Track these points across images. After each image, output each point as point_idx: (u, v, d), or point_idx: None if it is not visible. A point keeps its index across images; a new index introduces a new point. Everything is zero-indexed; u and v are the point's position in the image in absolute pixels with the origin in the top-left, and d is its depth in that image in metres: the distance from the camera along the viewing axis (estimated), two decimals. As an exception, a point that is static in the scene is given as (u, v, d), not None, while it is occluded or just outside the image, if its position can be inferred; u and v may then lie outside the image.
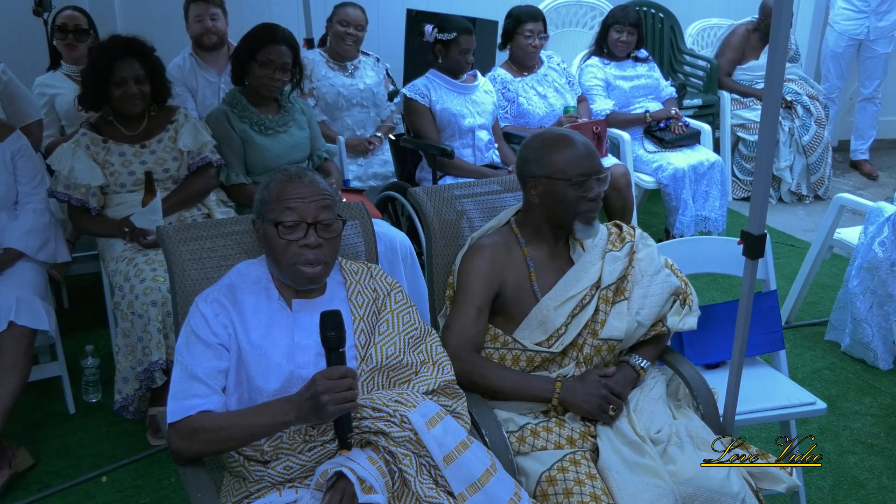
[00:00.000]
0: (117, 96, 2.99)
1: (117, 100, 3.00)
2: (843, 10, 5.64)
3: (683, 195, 4.43)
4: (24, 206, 3.05)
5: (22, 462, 2.80)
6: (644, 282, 2.15)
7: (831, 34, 5.75)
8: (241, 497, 1.80)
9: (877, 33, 5.60)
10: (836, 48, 5.74)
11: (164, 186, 3.12)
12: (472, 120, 3.82)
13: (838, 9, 5.68)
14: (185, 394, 1.79)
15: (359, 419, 1.76)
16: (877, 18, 5.55)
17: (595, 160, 2.13)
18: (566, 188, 2.11)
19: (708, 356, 2.62)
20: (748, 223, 1.98)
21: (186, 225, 2.17)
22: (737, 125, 5.37)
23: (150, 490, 2.75)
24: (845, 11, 5.64)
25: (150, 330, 2.76)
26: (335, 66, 4.25)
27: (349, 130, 4.25)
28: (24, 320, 2.79)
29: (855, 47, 5.71)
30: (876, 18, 5.55)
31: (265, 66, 3.21)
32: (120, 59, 2.96)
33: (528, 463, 1.95)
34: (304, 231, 1.86)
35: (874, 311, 3.42)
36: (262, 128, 3.30)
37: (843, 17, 5.66)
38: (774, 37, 1.80)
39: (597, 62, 4.65)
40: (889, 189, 5.53)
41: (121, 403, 2.84)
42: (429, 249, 2.34)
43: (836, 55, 5.76)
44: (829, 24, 5.79)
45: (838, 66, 5.79)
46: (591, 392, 2.03)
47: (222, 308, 1.86)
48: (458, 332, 2.09)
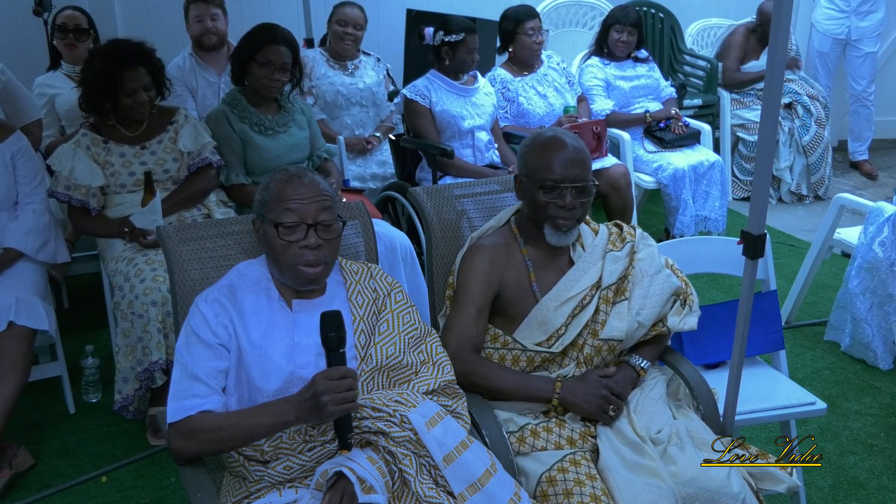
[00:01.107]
0: (128, 105, 3.00)
1: (127, 108, 3.01)
2: (826, 10, 5.66)
3: (683, 195, 4.43)
4: (24, 206, 3.05)
5: (22, 462, 2.80)
6: (644, 282, 2.15)
7: (816, 35, 5.77)
8: (241, 497, 1.81)
9: (859, 33, 5.59)
10: (821, 48, 5.75)
11: (164, 187, 3.12)
12: (472, 121, 3.83)
13: (821, 8, 5.69)
14: (185, 394, 1.79)
15: (359, 419, 1.76)
16: (858, 18, 5.55)
17: (577, 169, 2.10)
18: (536, 190, 2.12)
19: (708, 356, 2.62)
20: (748, 223, 1.98)
21: (186, 225, 2.17)
22: (737, 125, 5.37)
23: (150, 490, 2.75)
24: (827, 11, 5.65)
25: (150, 330, 2.76)
26: (335, 65, 4.25)
27: (348, 129, 4.25)
28: (24, 320, 2.79)
29: (841, 47, 5.72)
30: (857, 18, 5.55)
31: (265, 66, 3.21)
32: (129, 68, 2.96)
33: (528, 463, 1.94)
34: (304, 232, 1.86)
35: (874, 311, 3.42)
36: (262, 128, 3.30)
37: (825, 17, 5.67)
38: (774, 37, 1.80)
39: (597, 62, 4.65)
40: (889, 189, 5.53)
41: (121, 403, 2.84)
42: (429, 249, 2.34)
43: (823, 55, 5.77)
44: (812, 24, 5.79)
45: (826, 66, 5.80)
46: (591, 392, 2.03)
47: (222, 308, 1.86)
48: (458, 333, 2.09)
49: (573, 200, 2.10)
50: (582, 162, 2.13)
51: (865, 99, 5.80)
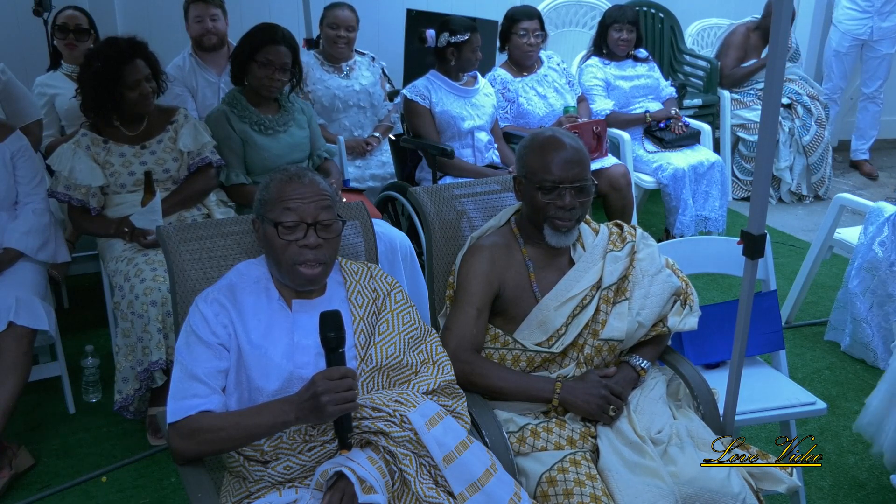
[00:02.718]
0: (133, 99, 3.01)
1: (133, 102, 3.02)
2: (847, 10, 5.64)
3: (683, 195, 4.43)
4: (24, 206, 3.05)
5: (22, 462, 2.80)
6: (645, 282, 2.15)
7: (835, 34, 5.75)
8: (241, 497, 1.81)
9: (880, 33, 5.60)
10: (839, 48, 5.74)
11: (164, 187, 3.12)
12: (472, 122, 3.83)
13: (842, 8, 5.68)
14: (184, 394, 1.79)
15: (359, 419, 1.76)
16: (881, 19, 5.56)
17: (576, 169, 2.10)
18: (535, 191, 2.12)
19: (708, 356, 2.62)
20: (748, 223, 1.98)
21: (186, 225, 2.17)
22: (737, 125, 5.37)
23: (150, 490, 2.75)
24: (849, 11, 5.63)
25: (150, 330, 2.76)
26: (330, 69, 4.21)
27: (347, 132, 4.22)
28: (24, 320, 2.79)
29: (858, 47, 5.71)
30: (880, 19, 5.55)
31: (265, 66, 3.21)
32: (128, 63, 2.97)
33: (528, 463, 1.94)
34: (303, 231, 1.86)
35: (874, 311, 3.42)
36: (262, 128, 3.30)
37: (847, 16, 5.66)
38: (774, 37, 1.80)
39: (597, 62, 4.65)
40: (889, 189, 5.53)
41: (121, 403, 2.84)
42: (429, 249, 2.34)
43: (840, 55, 5.76)
44: (833, 23, 5.79)
45: (842, 66, 5.79)
46: (591, 392, 2.03)
47: (222, 308, 1.86)
48: (459, 333, 2.09)
49: (572, 200, 2.10)
50: (580, 162, 2.12)
51: (876, 97, 5.80)
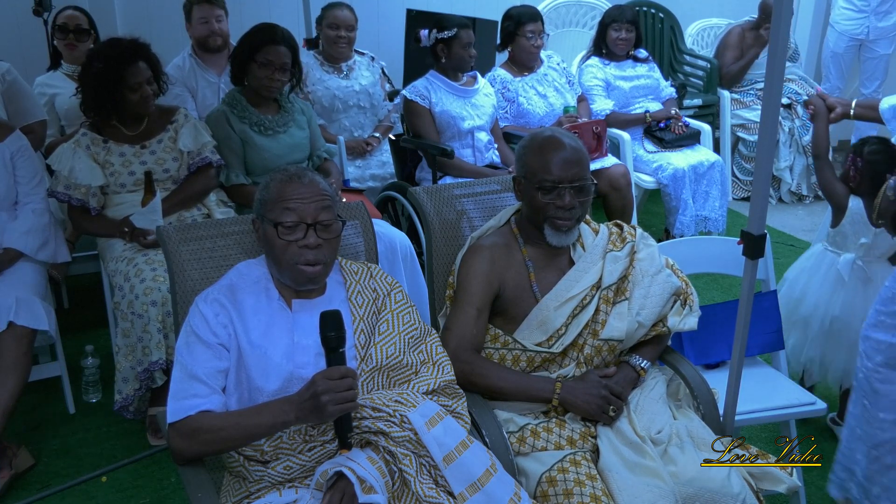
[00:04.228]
0: (134, 100, 3.01)
1: (133, 104, 3.02)
2: (844, 10, 5.64)
3: (683, 195, 4.43)
4: (24, 205, 3.05)
5: (22, 462, 2.80)
6: (645, 282, 2.15)
7: (832, 34, 5.75)
8: (241, 497, 1.81)
9: (877, 33, 5.60)
10: (836, 48, 5.74)
11: (164, 187, 3.12)
12: (472, 122, 3.83)
13: (839, 9, 5.68)
14: (185, 394, 1.79)
15: (359, 419, 1.76)
16: (877, 18, 5.56)
17: (575, 169, 2.10)
18: (535, 191, 2.12)
19: (708, 356, 2.62)
20: (748, 223, 1.99)
21: (186, 225, 2.17)
22: (737, 125, 5.37)
23: (150, 490, 2.75)
24: (846, 11, 5.64)
25: (150, 330, 2.76)
26: (329, 69, 4.21)
27: (346, 132, 4.22)
28: (24, 320, 2.79)
29: (856, 48, 5.71)
30: (876, 18, 5.56)
31: (264, 66, 3.21)
32: (130, 64, 2.97)
33: (528, 463, 1.94)
34: (303, 231, 1.86)
35: (874, 311, 3.41)
36: (262, 128, 3.30)
37: (844, 17, 5.66)
38: (774, 37, 1.80)
39: (597, 62, 4.65)
40: (888, 189, 5.52)
41: (121, 403, 2.84)
42: (429, 249, 2.34)
43: (837, 55, 5.76)
44: (829, 24, 5.79)
45: (839, 67, 5.79)
46: (591, 392, 2.03)
47: (222, 308, 1.86)
48: (458, 333, 2.09)
49: (572, 200, 2.10)
50: (580, 161, 2.12)
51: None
